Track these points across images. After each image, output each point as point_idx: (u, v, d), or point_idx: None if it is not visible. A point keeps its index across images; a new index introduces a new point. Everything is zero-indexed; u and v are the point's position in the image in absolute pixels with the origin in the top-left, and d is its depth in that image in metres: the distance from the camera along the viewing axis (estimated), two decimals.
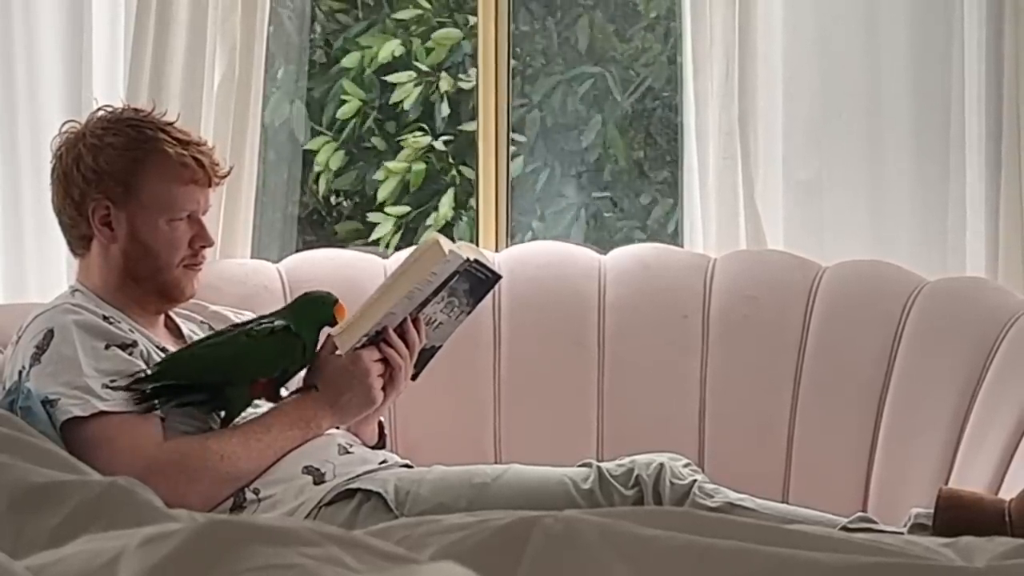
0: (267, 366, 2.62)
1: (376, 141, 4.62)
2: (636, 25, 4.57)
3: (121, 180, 2.66)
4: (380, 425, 2.82)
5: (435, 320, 2.70)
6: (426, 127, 4.57)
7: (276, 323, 2.61)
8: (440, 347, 2.76)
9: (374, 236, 4.56)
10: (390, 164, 4.56)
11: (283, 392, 2.68)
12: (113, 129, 2.69)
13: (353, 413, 2.67)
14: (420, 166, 4.55)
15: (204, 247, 2.71)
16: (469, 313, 2.73)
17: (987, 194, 3.22)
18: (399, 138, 4.57)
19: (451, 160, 4.57)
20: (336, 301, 2.65)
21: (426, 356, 2.72)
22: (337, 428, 2.69)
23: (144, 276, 2.68)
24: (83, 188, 2.67)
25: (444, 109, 4.55)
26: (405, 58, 4.58)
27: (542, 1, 4.58)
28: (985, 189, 3.22)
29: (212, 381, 2.60)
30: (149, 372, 2.57)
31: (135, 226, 2.67)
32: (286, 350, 2.61)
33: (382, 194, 4.54)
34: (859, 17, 3.32)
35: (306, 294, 2.71)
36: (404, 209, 4.56)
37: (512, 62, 3.61)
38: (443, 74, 4.55)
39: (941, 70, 3.28)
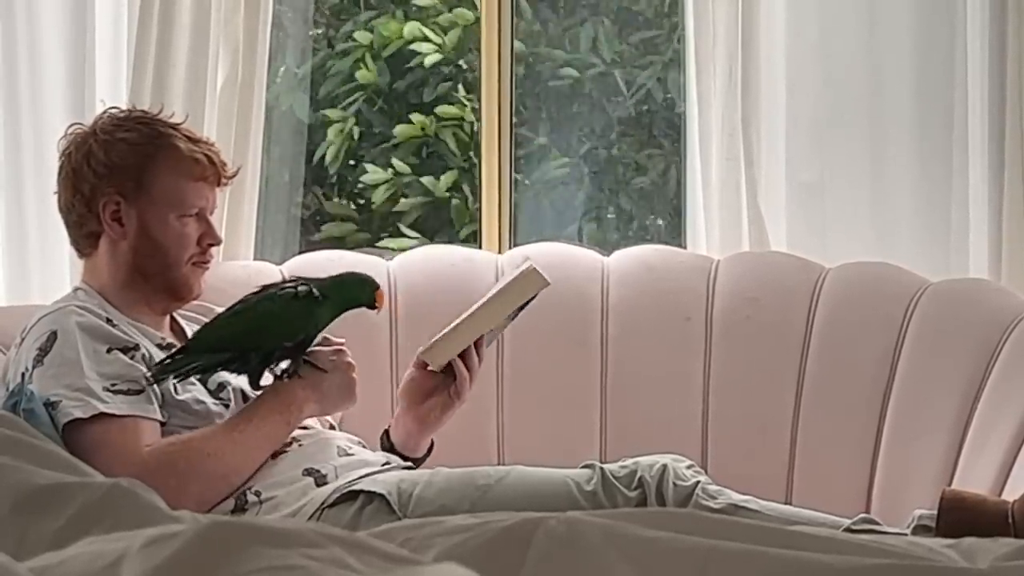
0: (286, 331, 2.59)
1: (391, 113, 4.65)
2: (638, 25, 4.57)
3: (133, 175, 2.66)
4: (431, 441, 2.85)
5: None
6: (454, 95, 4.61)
7: (300, 288, 2.60)
8: None
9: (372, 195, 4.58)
10: (411, 120, 4.58)
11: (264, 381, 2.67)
12: (125, 126, 2.70)
13: (333, 399, 2.68)
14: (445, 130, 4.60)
15: (212, 245, 2.72)
16: (512, 320, 2.83)
17: (990, 195, 3.22)
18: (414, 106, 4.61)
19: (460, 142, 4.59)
20: (378, 287, 2.66)
21: None
22: (335, 429, 2.70)
23: (153, 273, 2.68)
24: (94, 183, 2.67)
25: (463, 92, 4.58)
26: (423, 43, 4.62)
27: (546, 1, 4.58)
28: (988, 190, 3.22)
29: (240, 348, 2.58)
30: (179, 350, 2.58)
31: (145, 221, 2.67)
32: (307, 315, 2.59)
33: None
34: (862, 18, 3.31)
35: (351, 272, 2.71)
36: (406, 167, 4.59)
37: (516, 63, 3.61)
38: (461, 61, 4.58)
39: (944, 71, 3.28)
